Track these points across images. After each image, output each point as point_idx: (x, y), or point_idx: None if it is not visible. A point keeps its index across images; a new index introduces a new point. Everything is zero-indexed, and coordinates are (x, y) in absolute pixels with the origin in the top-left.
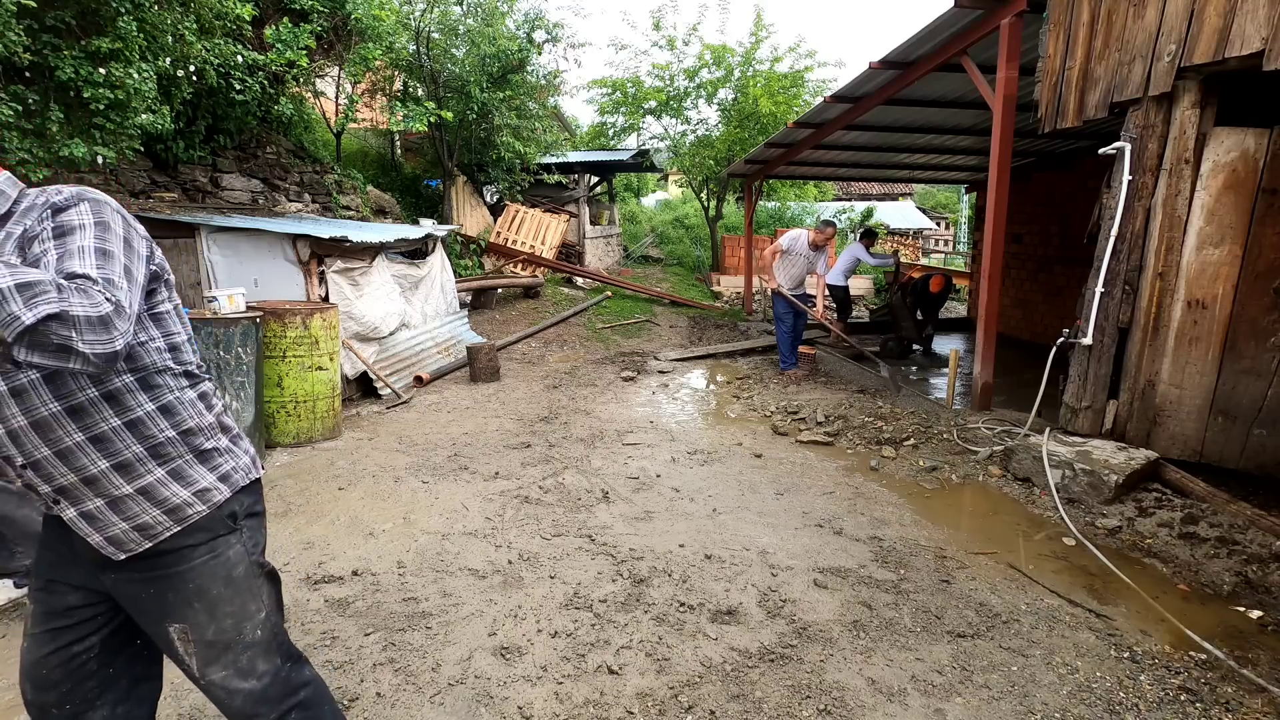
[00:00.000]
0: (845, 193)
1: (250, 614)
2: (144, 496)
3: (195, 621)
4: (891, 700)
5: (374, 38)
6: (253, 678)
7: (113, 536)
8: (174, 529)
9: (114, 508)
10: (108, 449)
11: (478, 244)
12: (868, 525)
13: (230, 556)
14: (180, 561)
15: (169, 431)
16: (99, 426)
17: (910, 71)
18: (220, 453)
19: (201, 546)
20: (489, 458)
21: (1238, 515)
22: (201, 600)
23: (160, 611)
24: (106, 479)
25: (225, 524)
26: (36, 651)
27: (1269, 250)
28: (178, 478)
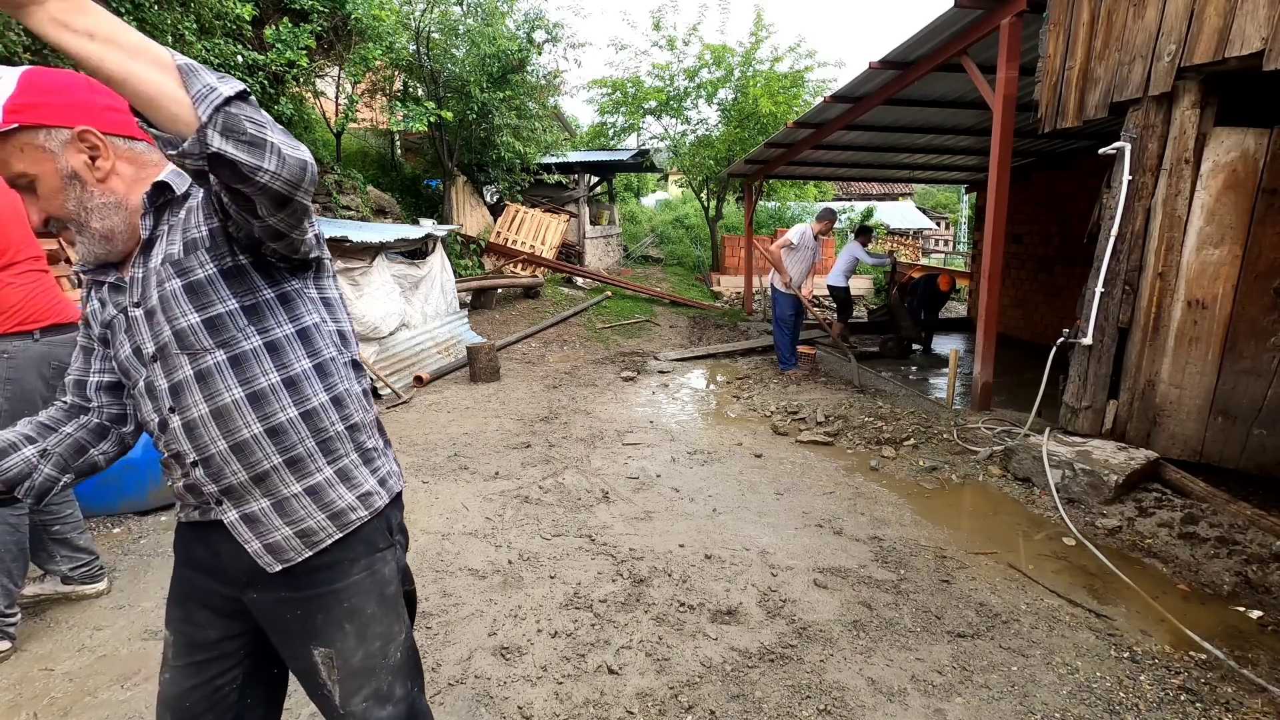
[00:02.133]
0: (845, 193)
1: (395, 635)
2: (310, 497)
3: (343, 645)
4: (891, 700)
5: (374, 38)
6: (390, 704)
7: (273, 544)
8: (336, 535)
9: (279, 509)
10: (283, 442)
11: (478, 244)
12: (868, 525)
13: (386, 574)
14: (338, 577)
15: (339, 425)
16: (277, 416)
17: (910, 71)
18: (379, 454)
19: (360, 562)
20: (489, 458)
21: (1238, 515)
22: (354, 621)
23: (306, 634)
24: (277, 475)
25: (385, 537)
26: (181, 684)
27: (1269, 250)
28: (344, 478)
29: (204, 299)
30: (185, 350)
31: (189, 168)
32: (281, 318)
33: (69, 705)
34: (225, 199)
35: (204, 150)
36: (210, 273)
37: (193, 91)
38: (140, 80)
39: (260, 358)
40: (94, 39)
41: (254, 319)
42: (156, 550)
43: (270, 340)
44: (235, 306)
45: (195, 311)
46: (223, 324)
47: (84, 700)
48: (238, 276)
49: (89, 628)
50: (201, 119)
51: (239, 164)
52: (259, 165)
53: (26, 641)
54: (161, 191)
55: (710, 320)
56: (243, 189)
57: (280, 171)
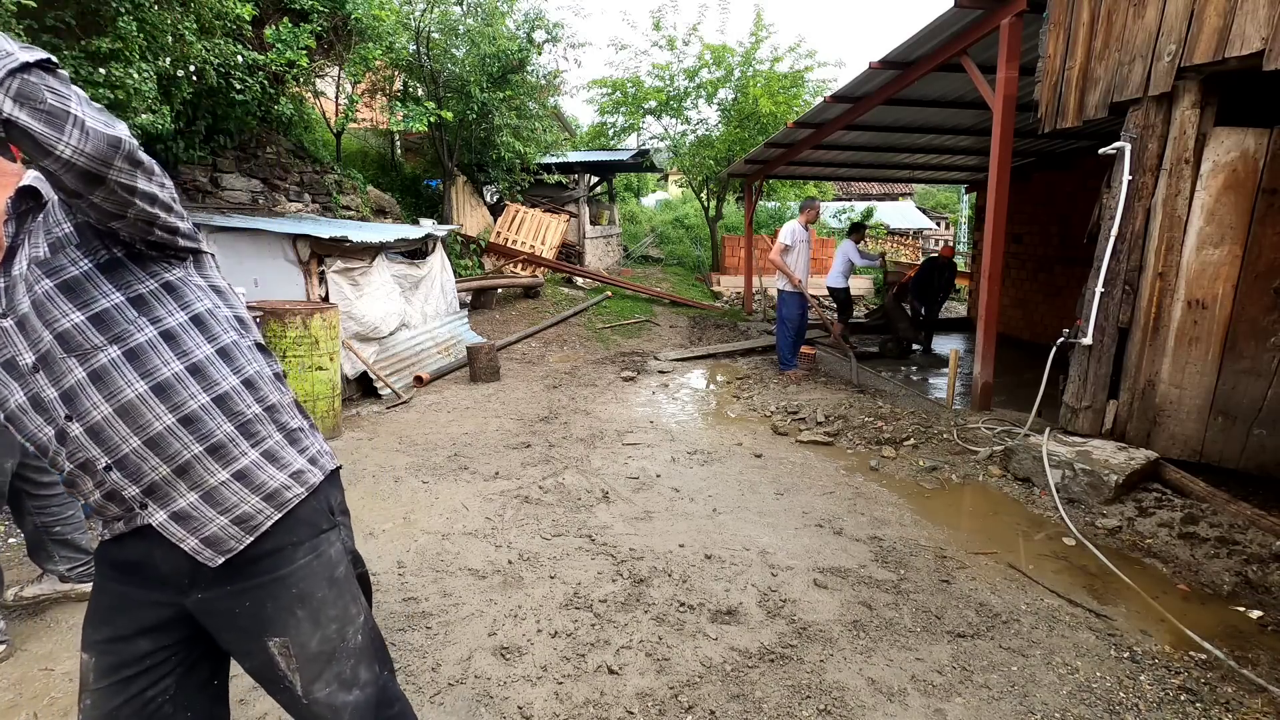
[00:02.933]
0: (845, 193)
1: (352, 617)
2: (240, 482)
3: (298, 632)
4: (891, 700)
5: (374, 38)
6: (356, 688)
7: (210, 536)
8: (275, 516)
9: (210, 500)
10: (200, 429)
11: (478, 244)
12: (868, 525)
13: (332, 555)
14: (282, 564)
15: (255, 407)
16: (188, 405)
17: (910, 71)
18: (304, 433)
19: (304, 545)
20: (489, 458)
21: (1238, 515)
22: (305, 606)
23: (257, 626)
24: (201, 464)
25: (326, 517)
26: (105, 705)
27: (1269, 250)
28: (271, 459)
29: (84, 296)
30: (73, 352)
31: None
32: (171, 306)
33: (69, 705)
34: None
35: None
36: (85, 269)
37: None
38: None
39: (157, 348)
40: None
41: (143, 310)
42: None
43: (165, 329)
44: (121, 299)
45: (77, 310)
46: (110, 318)
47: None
48: (115, 269)
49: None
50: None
51: (34, 134)
52: (57, 136)
53: (26, 641)
54: (25, 197)
55: (710, 320)
56: (45, 164)
57: (83, 146)
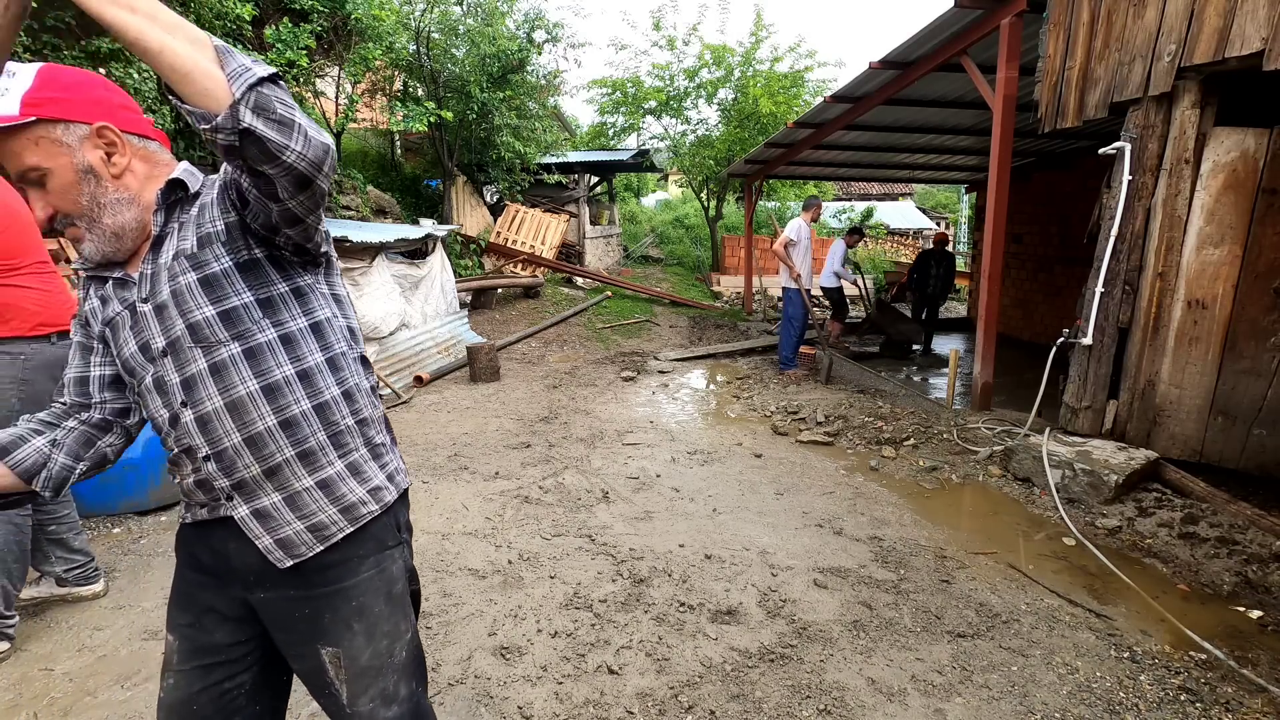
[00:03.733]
0: (845, 193)
1: (401, 634)
2: (322, 491)
3: (351, 645)
4: (891, 700)
5: (374, 38)
6: (396, 704)
7: (284, 539)
8: (347, 530)
9: (291, 504)
10: (296, 434)
11: (478, 244)
12: (868, 525)
13: (394, 572)
14: (347, 575)
15: (349, 419)
16: (291, 409)
17: (910, 71)
18: (387, 449)
19: (369, 559)
20: (489, 458)
21: (1238, 515)
22: (362, 620)
23: (313, 634)
24: (289, 469)
25: (393, 534)
26: (186, 689)
27: (1269, 250)
28: (355, 473)
29: (219, 292)
30: (199, 343)
31: (220, 142)
32: (295, 311)
33: (69, 705)
34: (246, 182)
35: (236, 125)
36: (225, 266)
37: (228, 69)
38: (175, 53)
39: (275, 350)
40: (135, 13)
41: (268, 312)
42: (157, 550)
43: (284, 333)
44: (250, 299)
45: (211, 304)
46: (238, 316)
47: (84, 700)
48: (253, 270)
49: (89, 628)
50: (235, 95)
51: (268, 141)
52: (286, 144)
53: (26, 641)
54: (175, 188)
55: (710, 320)
56: (268, 169)
57: (305, 152)
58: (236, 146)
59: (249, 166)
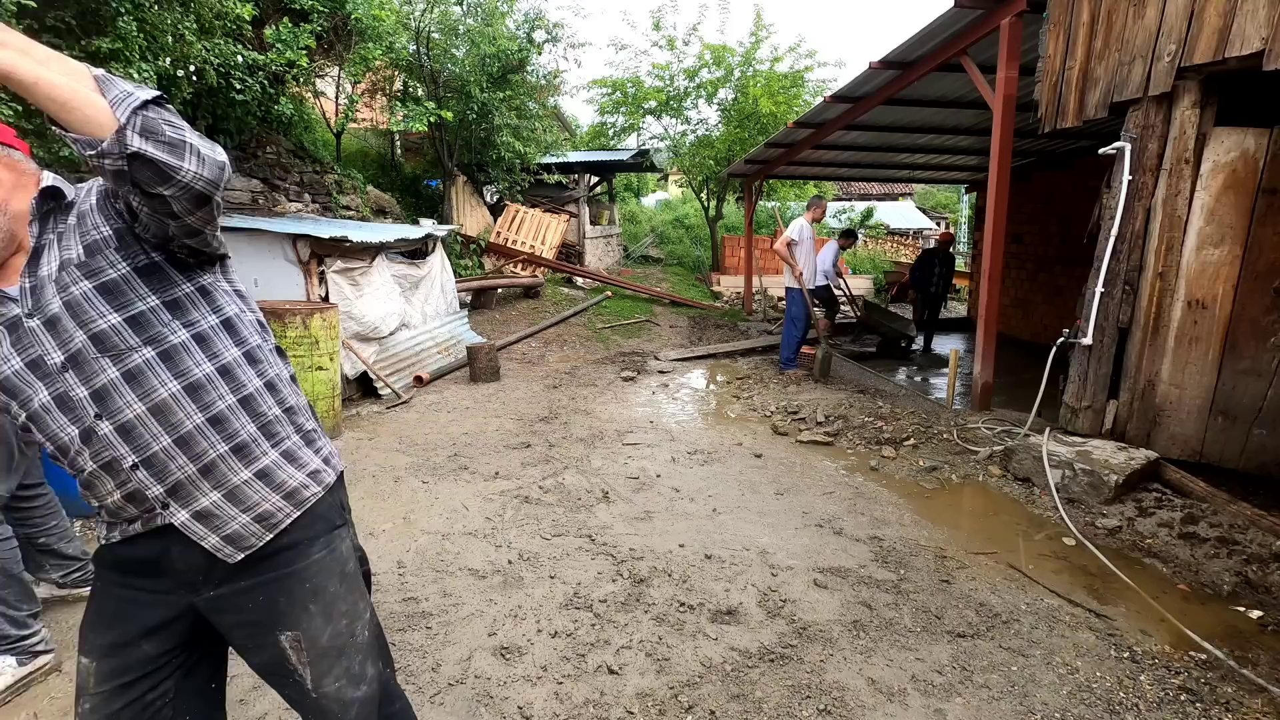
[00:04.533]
0: (845, 192)
1: (360, 613)
2: (262, 481)
3: (310, 626)
4: (891, 700)
5: (374, 38)
6: (363, 684)
7: (232, 534)
8: (294, 514)
9: (233, 498)
10: (226, 429)
11: (478, 244)
12: (868, 525)
13: (343, 551)
14: (298, 558)
15: (275, 409)
16: (216, 405)
17: (910, 71)
18: (318, 434)
19: (319, 540)
20: (489, 458)
21: (1238, 515)
22: (318, 600)
23: (270, 620)
24: (225, 464)
25: (340, 514)
26: (104, 710)
27: (1269, 250)
28: (290, 459)
29: (121, 298)
30: (107, 352)
31: (108, 168)
32: (204, 309)
33: (69, 705)
34: (137, 201)
35: (124, 150)
36: (124, 272)
37: (110, 95)
38: (51, 85)
39: (190, 350)
40: (5, 48)
41: (177, 313)
42: None
43: (197, 332)
44: (157, 302)
45: (114, 311)
46: (146, 321)
47: None
48: (153, 274)
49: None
50: (120, 120)
51: (159, 163)
52: (179, 165)
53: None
54: (50, 197)
55: (710, 320)
56: (163, 190)
57: (201, 171)
58: (125, 171)
59: (141, 190)
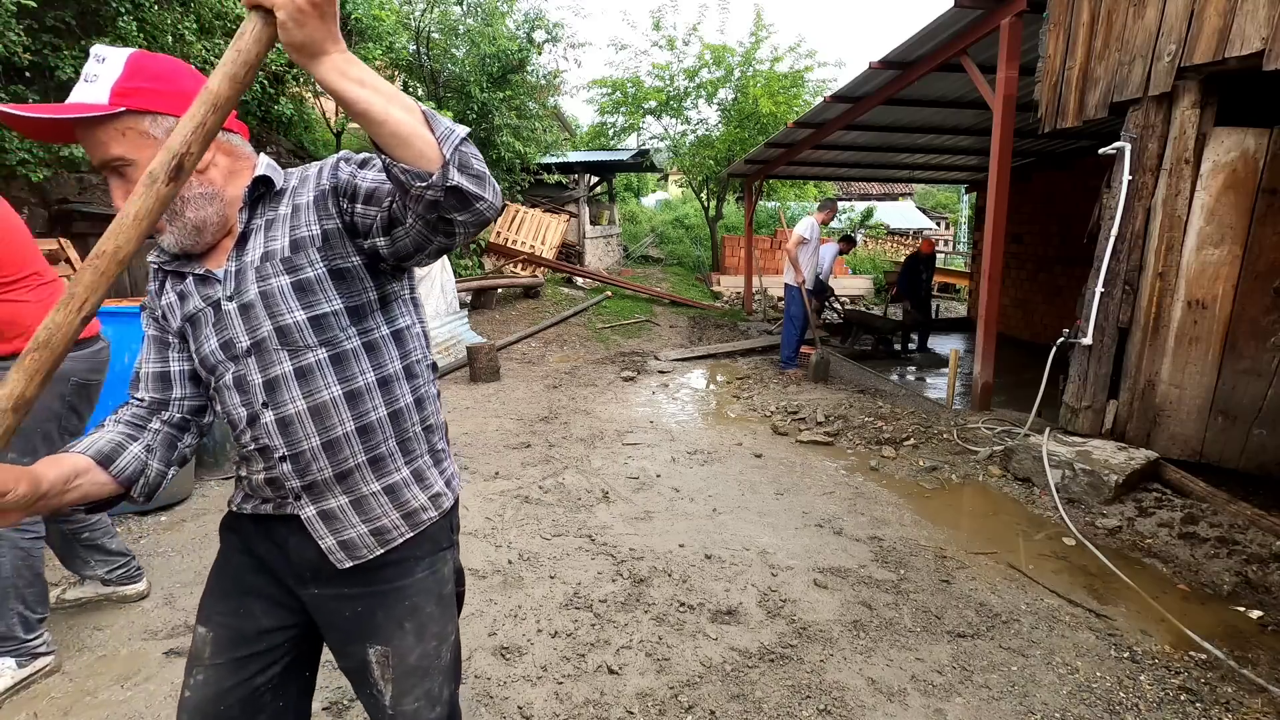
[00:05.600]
0: (845, 193)
1: (448, 635)
2: (388, 496)
3: (400, 644)
4: (891, 700)
5: (374, 38)
6: (439, 705)
7: (347, 541)
8: (407, 535)
9: (357, 507)
10: (370, 440)
11: (478, 244)
12: (868, 525)
13: (445, 573)
14: (402, 575)
15: (417, 426)
16: (369, 416)
17: (910, 71)
18: (446, 455)
19: (425, 560)
20: (489, 458)
21: (1238, 515)
22: (413, 620)
23: (363, 632)
24: (359, 474)
25: (448, 536)
26: (218, 684)
27: (1269, 250)
28: (419, 479)
29: (311, 297)
30: (286, 346)
31: (428, 197)
32: (380, 319)
33: (69, 705)
34: (419, 220)
35: (445, 182)
36: (319, 272)
37: (438, 132)
38: (398, 121)
39: (359, 357)
40: (364, 86)
41: (355, 319)
42: (156, 550)
43: (369, 340)
44: (340, 306)
45: (301, 309)
46: (327, 323)
47: (84, 700)
48: (346, 277)
49: (89, 628)
50: (446, 155)
51: (468, 194)
52: (481, 195)
53: None
54: (261, 185)
55: (710, 320)
56: (458, 215)
57: (495, 201)
58: (441, 201)
59: (440, 214)
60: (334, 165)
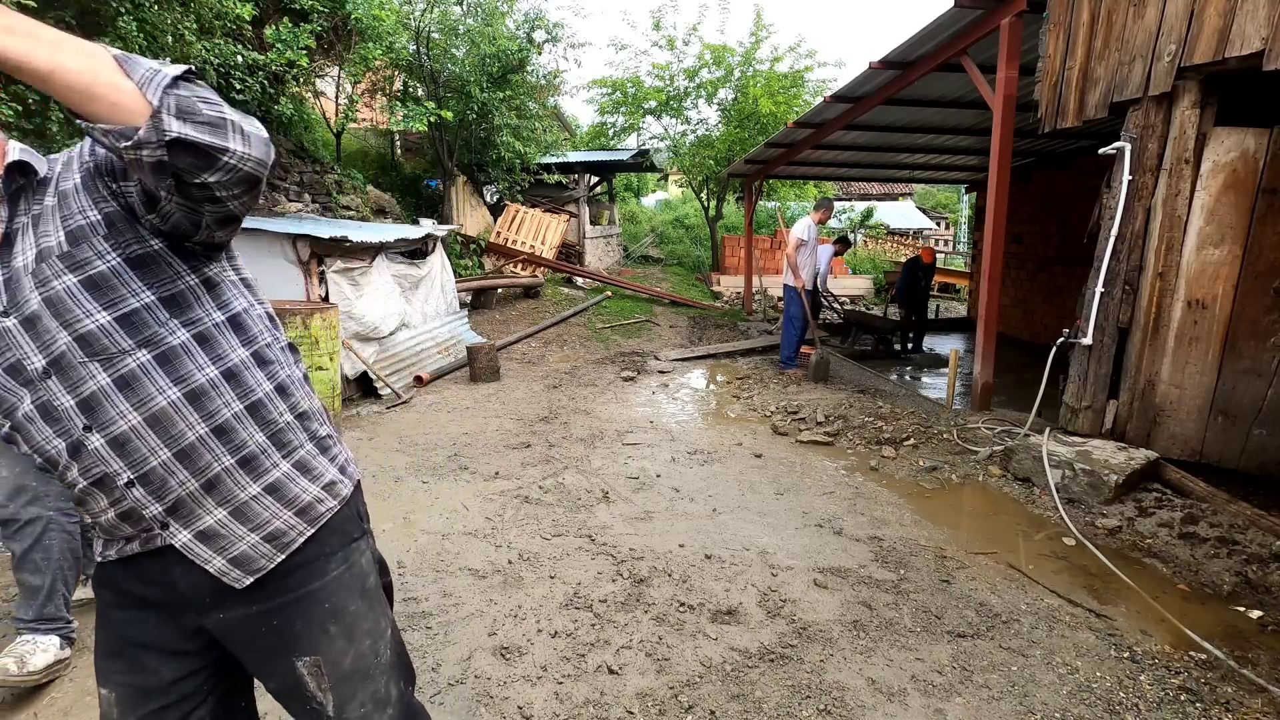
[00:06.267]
0: (845, 193)
1: (382, 630)
2: (272, 496)
3: (330, 649)
4: (891, 700)
5: (374, 38)
6: (389, 706)
7: (239, 555)
8: (308, 532)
9: (240, 516)
10: (232, 440)
11: (478, 244)
12: (868, 525)
13: (363, 565)
14: (313, 577)
15: (287, 415)
16: (222, 413)
17: (910, 71)
18: (334, 440)
19: (336, 555)
20: (489, 458)
21: (1238, 515)
22: (338, 621)
23: (285, 645)
24: (231, 478)
25: (357, 525)
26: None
27: (1269, 250)
28: (304, 470)
29: (111, 294)
30: (96, 356)
31: (145, 159)
32: (208, 305)
33: (69, 705)
34: (167, 193)
35: (161, 137)
36: (114, 263)
37: (135, 77)
38: (68, 70)
39: (191, 351)
40: (12, 33)
41: (176, 310)
42: None
43: (198, 332)
44: (152, 299)
45: (103, 309)
46: (141, 320)
47: (84, 700)
48: (150, 264)
49: (89, 628)
50: (153, 103)
51: (202, 146)
52: (224, 145)
53: None
54: (19, 173)
55: (710, 320)
56: (206, 177)
57: (249, 151)
58: (166, 161)
59: (179, 180)
60: (94, 140)
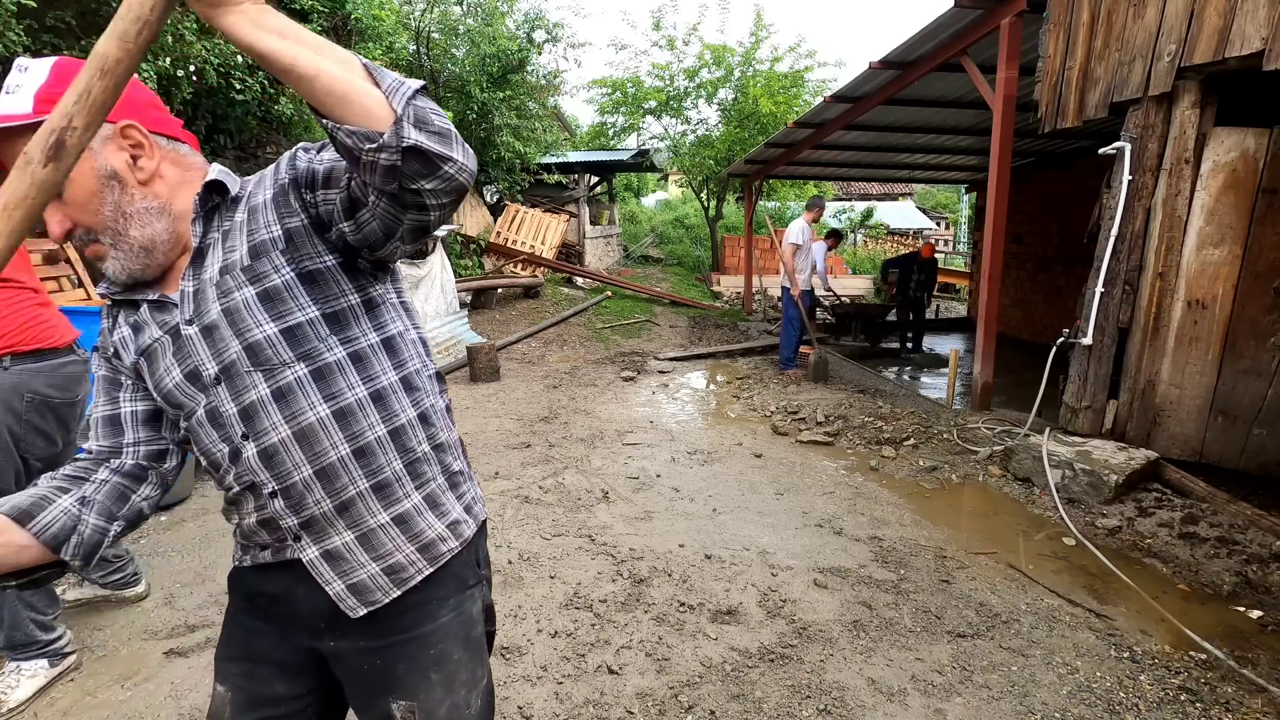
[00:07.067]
0: (845, 193)
1: (478, 680)
2: (398, 528)
3: (428, 696)
4: (891, 700)
5: (374, 38)
6: None
7: (358, 583)
8: (425, 571)
9: (365, 543)
10: (371, 464)
11: (478, 244)
12: (868, 525)
13: (473, 614)
14: (424, 620)
15: (425, 445)
16: (365, 436)
17: (910, 71)
18: (465, 478)
19: (449, 601)
20: (489, 458)
21: (1238, 515)
22: (440, 669)
23: (384, 685)
24: (363, 503)
25: (474, 571)
26: None
27: (1269, 250)
28: (432, 505)
29: (281, 307)
30: (259, 366)
31: (382, 163)
32: (366, 326)
33: (69, 705)
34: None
35: (400, 142)
36: (287, 278)
37: (384, 85)
38: (331, 76)
39: (345, 370)
40: (285, 37)
41: (335, 328)
42: (157, 550)
43: (354, 350)
44: (316, 314)
45: (271, 321)
46: (303, 334)
47: (84, 700)
48: (319, 281)
49: (89, 628)
50: (397, 111)
51: (431, 155)
52: (450, 155)
53: None
54: (214, 192)
55: (710, 320)
56: (425, 184)
57: (466, 162)
58: (398, 166)
59: (401, 184)
60: (291, 156)
